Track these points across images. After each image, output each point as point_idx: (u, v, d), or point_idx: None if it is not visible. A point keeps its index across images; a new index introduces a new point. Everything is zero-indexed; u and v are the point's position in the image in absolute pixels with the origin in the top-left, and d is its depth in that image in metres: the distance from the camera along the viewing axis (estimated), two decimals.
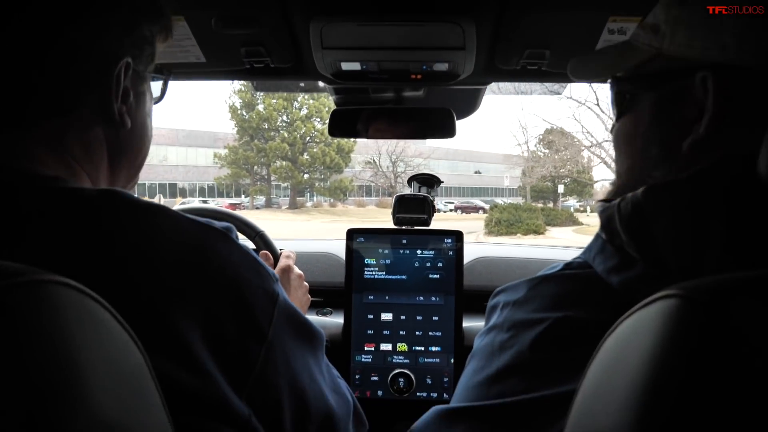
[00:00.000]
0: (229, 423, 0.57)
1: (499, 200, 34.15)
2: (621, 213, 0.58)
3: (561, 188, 33.43)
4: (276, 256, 1.41)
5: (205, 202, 29.48)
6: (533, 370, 0.59)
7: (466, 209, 34.37)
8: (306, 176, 36.39)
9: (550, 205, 31.97)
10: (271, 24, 1.12)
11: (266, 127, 35.06)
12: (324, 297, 1.72)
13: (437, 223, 1.64)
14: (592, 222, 20.39)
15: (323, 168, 35.87)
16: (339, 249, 1.74)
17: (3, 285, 0.37)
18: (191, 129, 40.35)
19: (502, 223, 19.48)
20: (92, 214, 0.58)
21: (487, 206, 31.42)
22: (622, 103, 0.67)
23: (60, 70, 0.63)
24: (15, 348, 0.37)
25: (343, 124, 1.50)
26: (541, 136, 33.06)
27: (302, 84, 1.65)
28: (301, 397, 0.68)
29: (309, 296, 1.31)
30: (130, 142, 0.73)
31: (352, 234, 1.55)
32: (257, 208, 35.94)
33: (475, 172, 47.90)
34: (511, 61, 1.23)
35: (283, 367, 0.65)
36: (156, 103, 0.82)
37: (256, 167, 36.01)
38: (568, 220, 24.14)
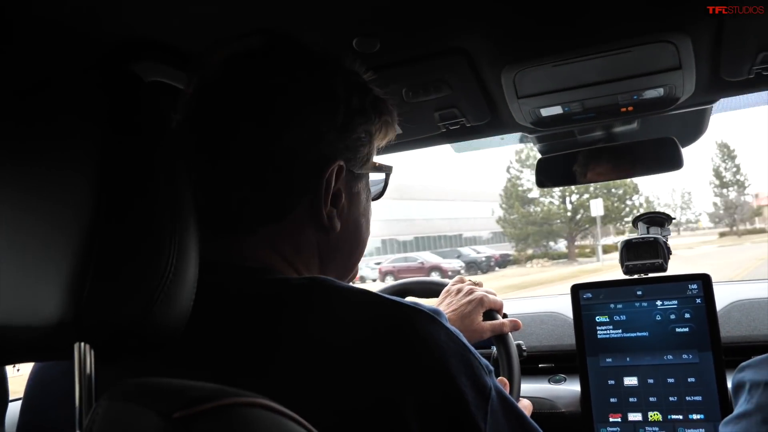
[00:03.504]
0: None
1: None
2: None
3: None
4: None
5: None
6: None
7: (399, 272, 22.24)
8: None
9: None
10: (462, 84, 1.09)
11: None
12: (554, 362, 1.58)
13: None
14: None
15: None
16: (564, 307, 1.60)
17: (190, 414, 0.35)
18: None
19: None
20: (298, 302, 0.57)
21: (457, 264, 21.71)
22: None
23: (275, 178, 0.63)
24: None
25: (554, 173, 1.41)
26: None
27: (502, 138, 1.60)
28: None
29: (480, 322, 1.07)
30: (340, 245, 0.71)
31: (577, 290, 1.41)
32: None
33: None
34: (741, 71, 1.06)
35: None
36: (376, 199, 0.79)
37: None
38: None
